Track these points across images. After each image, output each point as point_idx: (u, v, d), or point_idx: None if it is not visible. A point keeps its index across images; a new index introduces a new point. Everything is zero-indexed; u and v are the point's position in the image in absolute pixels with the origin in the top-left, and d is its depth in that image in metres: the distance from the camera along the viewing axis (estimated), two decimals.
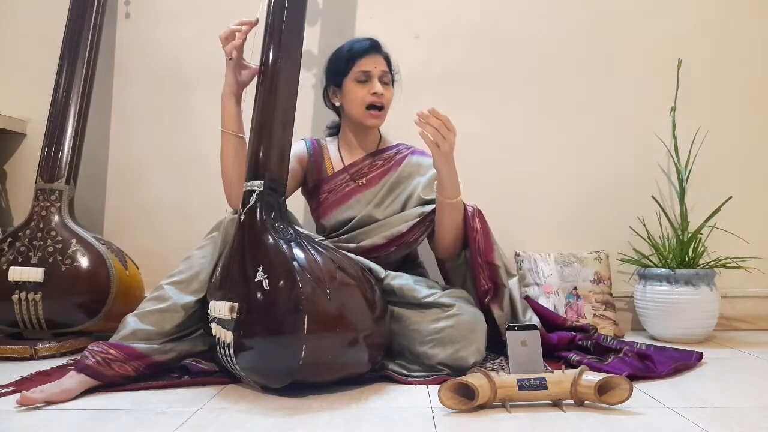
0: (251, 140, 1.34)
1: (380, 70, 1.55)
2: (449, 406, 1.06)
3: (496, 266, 1.44)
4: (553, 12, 1.99)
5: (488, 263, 1.43)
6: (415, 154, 1.65)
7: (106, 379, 1.20)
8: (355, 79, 1.54)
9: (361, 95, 1.54)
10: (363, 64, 1.53)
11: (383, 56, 1.57)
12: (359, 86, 1.54)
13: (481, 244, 1.44)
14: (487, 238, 1.46)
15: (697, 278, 1.69)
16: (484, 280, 1.43)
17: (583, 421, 1.01)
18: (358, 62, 1.53)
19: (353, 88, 1.54)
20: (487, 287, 1.42)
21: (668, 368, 1.30)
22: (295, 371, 1.12)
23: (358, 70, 1.53)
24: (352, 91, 1.55)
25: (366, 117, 1.56)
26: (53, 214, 1.68)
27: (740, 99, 1.97)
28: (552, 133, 1.98)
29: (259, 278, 1.17)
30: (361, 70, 1.53)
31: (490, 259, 1.44)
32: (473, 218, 1.47)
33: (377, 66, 1.54)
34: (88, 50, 1.85)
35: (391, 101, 1.59)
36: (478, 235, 1.45)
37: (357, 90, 1.54)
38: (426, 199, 1.55)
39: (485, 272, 1.43)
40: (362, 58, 1.54)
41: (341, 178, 1.61)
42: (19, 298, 1.57)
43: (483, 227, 1.47)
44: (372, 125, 1.58)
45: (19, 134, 1.99)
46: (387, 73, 1.57)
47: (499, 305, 1.43)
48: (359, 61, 1.53)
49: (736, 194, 1.79)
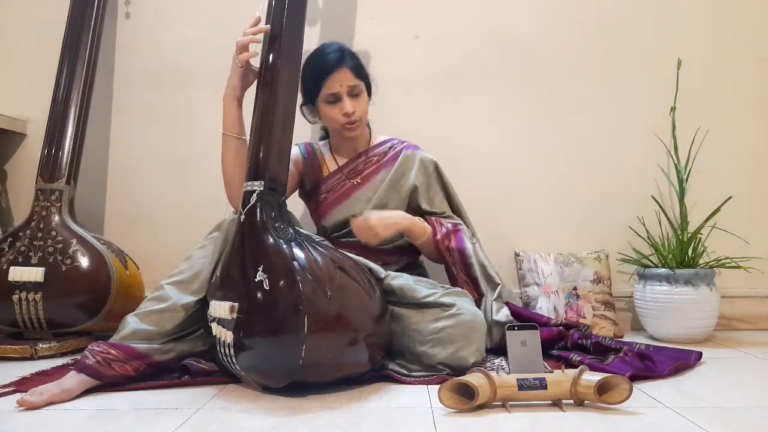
0: (251, 141, 1.34)
1: (347, 87, 1.52)
2: (449, 405, 1.06)
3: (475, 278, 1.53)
4: (553, 12, 1.99)
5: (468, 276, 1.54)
6: (408, 148, 1.66)
7: (107, 379, 1.20)
8: (324, 100, 1.54)
9: (333, 115, 1.55)
10: (329, 86, 1.51)
11: (349, 67, 1.52)
12: (330, 107, 1.54)
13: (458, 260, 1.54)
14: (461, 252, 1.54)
15: (696, 278, 1.69)
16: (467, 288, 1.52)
17: (582, 421, 1.01)
18: (325, 84, 1.51)
19: (325, 109, 1.55)
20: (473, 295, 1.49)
21: (669, 368, 1.31)
22: (296, 371, 1.12)
23: (326, 93, 1.52)
24: (325, 112, 1.56)
25: (342, 132, 1.58)
26: (53, 214, 1.68)
27: (740, 99, 1.97)
28: (552, 132, 1.98)
29: (260, 278, 1.17)
30: (328, 92, 1.52)
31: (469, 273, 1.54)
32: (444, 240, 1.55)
33: (343, 84, 1.51)
34: (88, 50, 1.85)
35: (366, 110, 1.59)
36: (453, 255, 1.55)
37: (329, 111, 1.55)
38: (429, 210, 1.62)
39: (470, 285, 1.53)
40: (328, 78, 1.50)
41: (337, 178, 1.63)
42: (20, 298, 1.58)
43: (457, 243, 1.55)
44: (352, 137, 1.60)
45: (19, 134, 1.99)
46: (355, 86, 1.53)
47: None
48: (325, 83, 1.51)
49: (736, 194, 1.79)
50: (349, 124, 1.55)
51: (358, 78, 1.54)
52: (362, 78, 1.56)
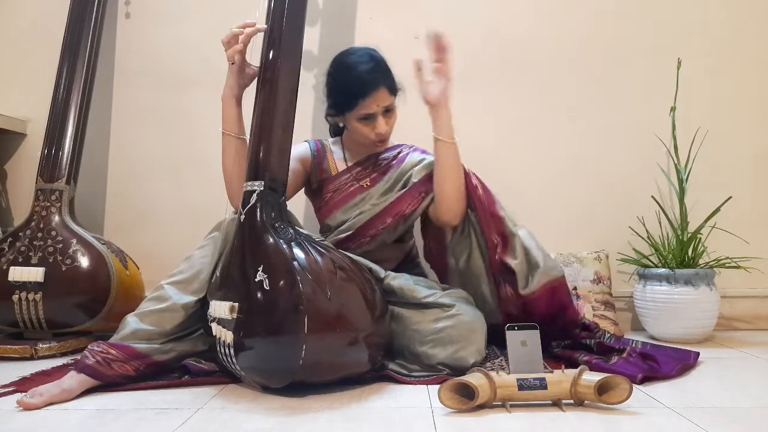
0: (251, 141, 1.34)
1: (383, 108, 1.50)
2: (449, 405, 1.06)
3: (500, 217, 1.45)
4: (553, 12, 1.99)
5: (492, 215, 1.46)
6: (416, 151, 1.65)
7: (107, 379, 1.20)
8: (358, 118, 1.51)
9: (364, 132, 1.53)
10: (365, 107, 1.48)
11: (386, 86, 1.49)
12: (363, 124, 1.52)
13: (484, 198, 1.47)
14: (487, 193, 1.48)
15: (696, 278, 1.69)
16: (493, 236, 1.44)
17: (582, 421, 1.01)
18: (361, 104, 1.47)
19: (357, 125, 1.53)
20: (496, 241, 1.44)
21: (675, 368, 1.30)
22: (296, 371, 1.12)
23: (362, 112, 1.49)
24: (356, 127, 1.54)
25: (372, 147, 1.59)
26: (53, 214, 1.68)
27: (740, 99, 1.97)
28: (551, 133, 1.97)
29: (260, 278, 1.17)
30: (365, 112, 1.49)
31: (494, 211, 1.46)
32: (471, 176, 1.50)
33: (380, 104, 1.49)
34: (88, 50, 1.85)
35: (394, 123, 1.58)
36: (479, 190, 1.48)
37: (361, 128, 1.53)
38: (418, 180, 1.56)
39: (492, 226, 1.45)
40: (365, 98, 1.47)
41: (345, 178, 1.62)
42: (20, 298, 1.58)
43: (481, 183, 1.50)
44: (377, 149, 1.61)
45: (19, 134, 1.99)
46: (390, 102, 1.52)
47: (512, 255, 1.43)
48: (362, 103, 1.47)
49: (736, 194, 1.79)
50: (379, 142, 1.56)
51: (392, 95, 1.52)
52: (395, 93, 1.54)
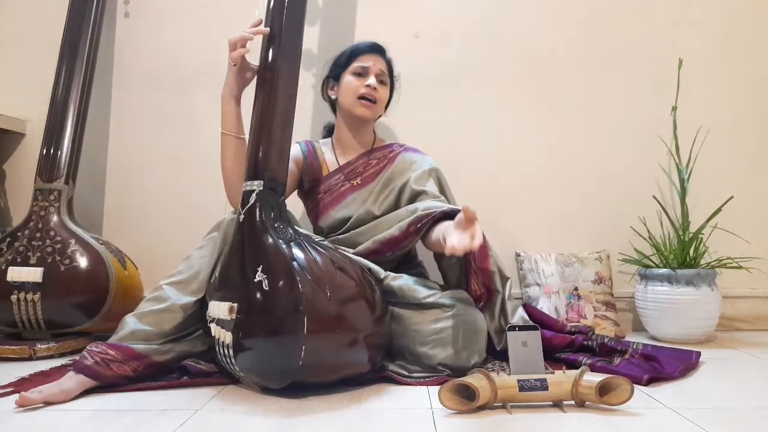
0: (251, 140, 1.34)
1: (378, 68, 1.60)
2: (449, 407, 1.06)
3: (491, 272, 1.39)
4: (553, 12, 1.99)
5: (483, 270, 1.39)
6: (407, 151, 1.65)
7: (105, 380, 1.20)
8: (352, 72, 1.59)
9: (355, 86, 1.58)
10: (363, 60, 1.59)
11: (385, 59, 1.63)
12: (355, 78, 1.59)
13: (476, 252, 1.36)
14: (482, 245, 1.30)
15: (698, 278, 1.68)
16: (477, 286, 1.39)
17: (584, 422, 1.00)
18: (359, 58, 1.59)
19: (349, 79, 1.59)
20: (480, 293, 1.39)
21: (678, 368, 1.30)
22: (295, 372, 1.11)
23: (357, 65, 1.59)
24: (347, 82, 1.59)
25: (356, 105, 1.57)
26: (52, 214, 1.68)
27: (741, 99, 1.97)
28: (552, 133, 1.97)
29: (259, 278, 1.16)
30: (360, 64, 1.59)
31: (485, 266, 1.39)
32: None
33: (376, 63, 1.60)
34: (87, 50, 1.84)
35: (385, 101, 1.64)
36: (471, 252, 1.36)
37: (352, 81, 1.59)
38: (418, 189, 1.53)
39: (479, 278, 1.39)
40: (363, 54, 1.60)
41: (336, 178, 1.61)
42: (18, 299, 1.57)
43: None
44: (360, 114, 1.58)
45: (18, 134, 1.99)
46: (385, 74, 1.62)
47: (490, 312, 1.39)
48: (360, 57, 1.59)
49: (737, 194, 1.78)
50: (366, 98, 1.57)
51: (388, 75, 1.64)
52: (391, 78, 1.65)
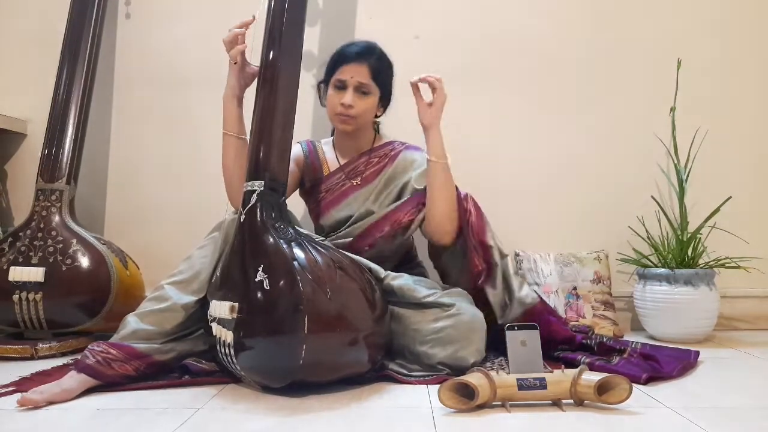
0: (251, 141, 1.34)
1: (356, 81, 1.51)
2: (449, 405, 1.06)
3: (489, 246, 1.45)
4: (552, 12, 1.99)
5: (481, 243, 1.46)
6: (409, 149, 1.65)
7: (107, 379, 1.20)
8: (333, 84, 1.54)
9: (333, 102, 1.54)
10: (342, 72, 1.51)
11: (368, 65, 1.52)
12: (335, 93, 1.53)
13: (475, 225, 1.46)
14: (479, 219, 1.48)
15: (696, 278, 1.69)
16: (478, 261, 1.44)
17: (582, 421, 1.01)
18: (339, 69, 1.52)
19: (330, 93, 1.55)
20: (480, 268, 1.44)
21: (677, 368, 1.30)
22: (296, 371, 1.12)
23: (336, 77, 1.52)
24: (329, 95, 1.55)
25: (335, 120, 1.57)
26: (54, 214, 1.68)
27: (740, 99, 1.97)
28: (551, 132, 1.98)
29: (260, 278, 1.17)
30: (338, 78, 1.52)
31: (483, 239, 1.46)
32: (465, 200, 1.49)
33: (354, 76, 1.51)
34: (88, 51, 1.85)
35: (367, 111, 1.55)
36: (471, 216, 1.47)
37: (333, 96, 1.54)
38: (419, 189, 1.55)
39: (479, 253, 1.45)
40: (344, 65, 1.52)
41: (337, 177, 1.62)
42: (20, 298, 1.58)
43: (476, 209, 1.49)
44: (341, 129, 1.58)
45: (19, 134, 2.00)
46: (366, 85, 1.52)
47: (492, 284, 1.44)
48: (340, 69, 1.52)
49: (736, 194, 1.79)
50: (342, 115, 1.53)
51: (374, 80, 1.53)
52: (378, 82, 1.55)
